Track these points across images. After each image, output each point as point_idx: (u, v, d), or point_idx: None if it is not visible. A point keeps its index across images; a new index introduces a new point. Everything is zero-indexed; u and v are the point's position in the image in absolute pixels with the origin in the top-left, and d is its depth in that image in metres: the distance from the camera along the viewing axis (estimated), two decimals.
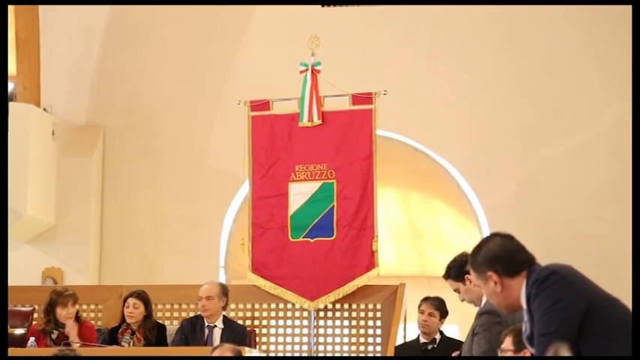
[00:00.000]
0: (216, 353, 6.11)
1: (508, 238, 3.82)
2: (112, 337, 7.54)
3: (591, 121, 9.99)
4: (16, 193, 9.36)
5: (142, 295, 7.66)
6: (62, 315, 7.43)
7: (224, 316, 7.70)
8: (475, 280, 3.84)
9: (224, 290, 7.71)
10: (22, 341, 7.64)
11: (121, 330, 7.61)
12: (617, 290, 3.89)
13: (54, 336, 7.41)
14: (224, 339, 7.45)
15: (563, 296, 3.59)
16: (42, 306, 7.67)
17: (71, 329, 7.39)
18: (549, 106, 10.05)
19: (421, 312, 7.36)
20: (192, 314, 7.74)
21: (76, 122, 10.59)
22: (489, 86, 10.12)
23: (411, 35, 10.30)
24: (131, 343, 7.46)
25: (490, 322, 5.06)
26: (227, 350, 6.26)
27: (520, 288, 3.70)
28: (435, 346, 7.23)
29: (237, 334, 7.63)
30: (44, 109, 10.34)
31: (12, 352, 6.93)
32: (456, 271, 5.42)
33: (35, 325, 7.74)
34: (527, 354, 4.22)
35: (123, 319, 7.69)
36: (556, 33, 10.08)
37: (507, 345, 4.44)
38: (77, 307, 7.58)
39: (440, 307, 7.29)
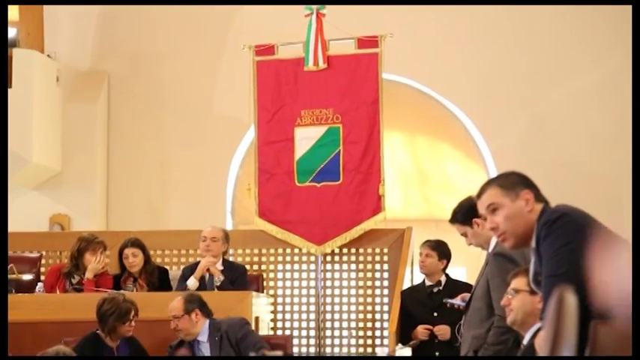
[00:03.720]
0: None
1: None
2: (116, 284, 7.55)
3: (598, 63, 9.92)
4: (21, 140, 9.35)
5: (137, 243, 7.64)
6: (90, 261, 7.43)
7: (223, 258, 7.71)
8: (500, 199, 3.80)
9: (227, 235, 7.70)
10: (30, 287, 7.68)
11: (122, 279, 7.62)
12: (624, 230, 3.88)
13: (74, 280, 7.44)
14: (225, 277, 7.46)
15: (573, 238, 3.59)
16: (68, 252, 7.69)
17: (89, 272, 7.41)
18: (556, 48, 9.98)
19: (420, 254, 7.38)
20: (199, 259, 7.75)
21: (81, 68, 10.55)
22: (496, 29, 10.04)
23: None
24: (134, 291, 7.48)
25: (506, 264, 5.05)
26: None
27: (536, 220, 3.70)
28: (441, 288, 7.23)
29: (237, 271, 7.64)
30: (48, 56, 10.29)
31: (20, 297, 6.98)
32: (463, 215, 5.40)
33: (57, 266, 7.76)
34: None
35: (122, 268, 7.68)
36: None
37: (521, 285, 4.42)
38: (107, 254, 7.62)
39: (437, 248, 7.27)
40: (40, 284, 7.64)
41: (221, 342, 6.49)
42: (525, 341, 4.39)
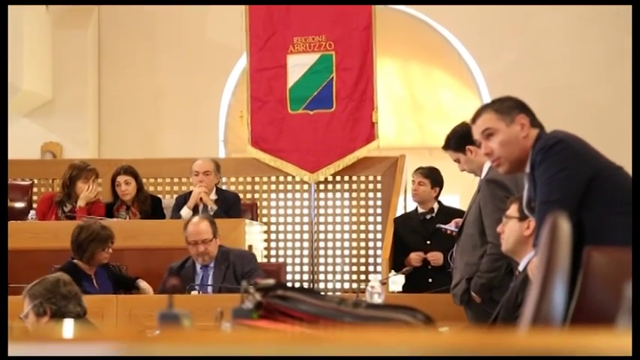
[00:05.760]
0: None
1: None
2: (108, 212, 7.54)
3: None
4: (11, 67, 9.25)
5: (129, 170, 7.61)
6: (83, 189, 7.41)
7: (216, 187, 7.68)
8: (495, 124, 3.77)
9: (218, 166, 7.65)
10: (22, 214, 7.68)
11: (115, 207, 7.60)
12: (618, 156, 3.86)
13: (66, 209, 7.43)
14: (219, 206, 7.44)
15: (568, 165, 3.58)
16: (60, 179, 7.68)
17: (82, 200, 7.40)
18: None
19: (412, 182, 7.37)
20: (192, 188, 7.73)
21: None
22: None
23: None
24: (127, 219, 7.47)
25: (498, 190, 5.05)
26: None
27: (531, 146, 3.69)
28: (434, 215, 7.24)
29: (231, 199, 7.62)
30: None
31: (13, 225, 6.97)
32: (456, 141, 5.39)
33: (49, 194, 7.75)
34: (532, 223, 4.21)
35: (115, 197, 7.66)
36: None
37: (512, 212, 4.43)
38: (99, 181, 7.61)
39: (430, 175, 7.26)
40: (32, 212, 7.63)
41: (226, 271, 6.44)
42: (520, 268, 4.40)
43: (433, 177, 7.28)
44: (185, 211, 7.44)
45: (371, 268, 8.48)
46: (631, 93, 8.52)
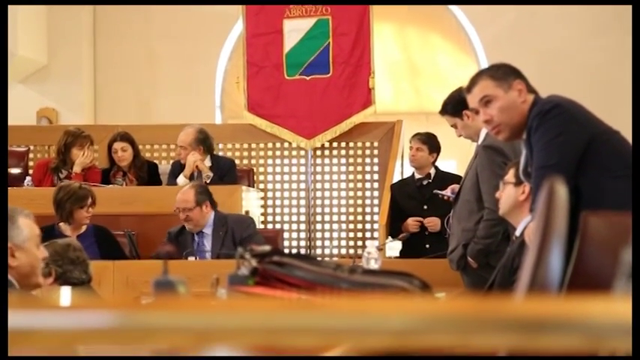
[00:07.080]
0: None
1: None
2: (105, 178, 7.52)
3: None
4: None
5: (126, 136, 7.57)
6: (78, 156, 7.39)
7: (211, 154, 7.62)
8: (493, 90, 3.75)
9: (199, 137, 7.39)
10: (18, 180, 7.67)
11: (112, 173, 7.58)
12: (615, 119, 3.85)
13: (62, 175, 7.41)
14: (215, 173, 7.40)
15: (565, 129, 3.57)
16: (54, 146, 7.66)
17: (77, 166, 7.38)
18: None
19: (410, 148, 7.36)
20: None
21: None
22: None
23: None
24: (124, 185, 7.46)
25: (495, 156, 5.04)
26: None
27: (527, 111, 3.68)
28: (430, 181, 7.23)
29: (226, 166, 7.58)
30: None
31: (9, 191, 6.95)
32: (453, 106, 5.37)
33: (44, 161, 7.73)
34: (526, 188, 4.22)
35: (111, 163, 7.64)
36: None
37: (509, 177, 4.43)
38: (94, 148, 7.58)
39: (428, 141, 7.24)
40: (28, 178, 7.63)
41: (224, 237, 6.43)
42: (517, 233, 4.41)
43: (431, 143, 7.26)
44: (181, 180, 7.41)
45: (368, 234, 8.48)
46: (630, 59, 8.49)
